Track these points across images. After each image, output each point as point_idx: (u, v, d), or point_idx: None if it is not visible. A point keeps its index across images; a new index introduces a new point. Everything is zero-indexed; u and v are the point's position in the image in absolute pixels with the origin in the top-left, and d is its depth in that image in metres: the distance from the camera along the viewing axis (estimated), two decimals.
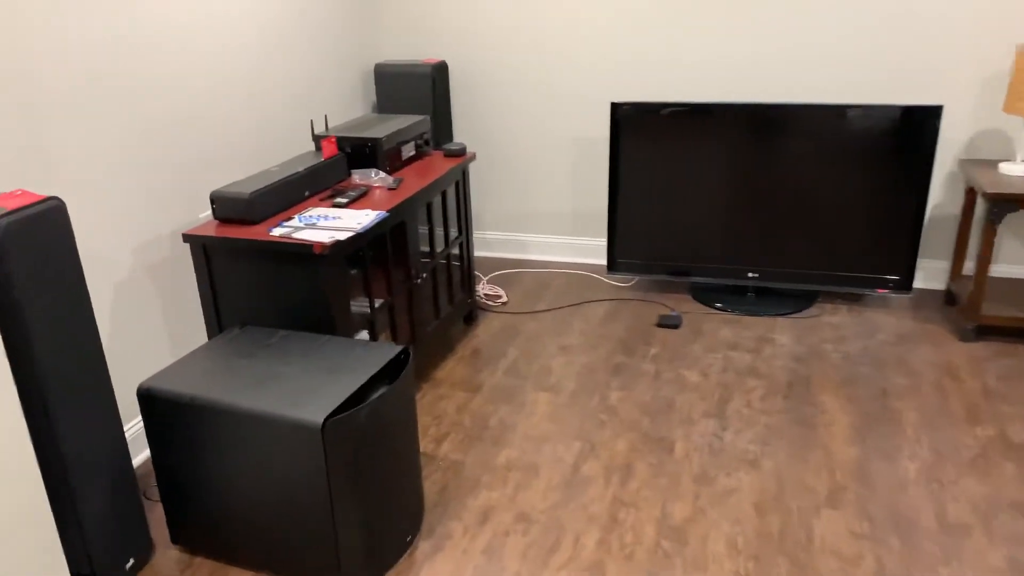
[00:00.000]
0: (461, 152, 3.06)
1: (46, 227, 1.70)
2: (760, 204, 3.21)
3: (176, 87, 2.51)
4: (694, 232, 3.33)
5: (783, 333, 3.10)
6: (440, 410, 2.68)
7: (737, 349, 2.99)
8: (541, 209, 3.88)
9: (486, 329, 3.24)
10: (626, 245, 3.44)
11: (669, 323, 3.19)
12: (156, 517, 2.22)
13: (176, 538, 2.11)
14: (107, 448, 1.90)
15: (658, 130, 3.23)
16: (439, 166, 2.94)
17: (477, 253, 4.03)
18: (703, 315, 3.29)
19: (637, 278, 3.66)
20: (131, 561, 2.01)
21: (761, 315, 3.26)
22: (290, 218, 2.38)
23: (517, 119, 3.75)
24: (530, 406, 2.68)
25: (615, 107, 3.25)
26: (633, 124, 3.25)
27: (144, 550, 2.06)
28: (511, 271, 3.82)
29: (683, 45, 3.39)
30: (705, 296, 3.43)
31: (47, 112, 2.09)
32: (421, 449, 2.47)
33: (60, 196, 2.14)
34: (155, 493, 2.32)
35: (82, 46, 2.17)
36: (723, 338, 3.08)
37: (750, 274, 3.32)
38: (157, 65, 2.43)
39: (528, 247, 3.96)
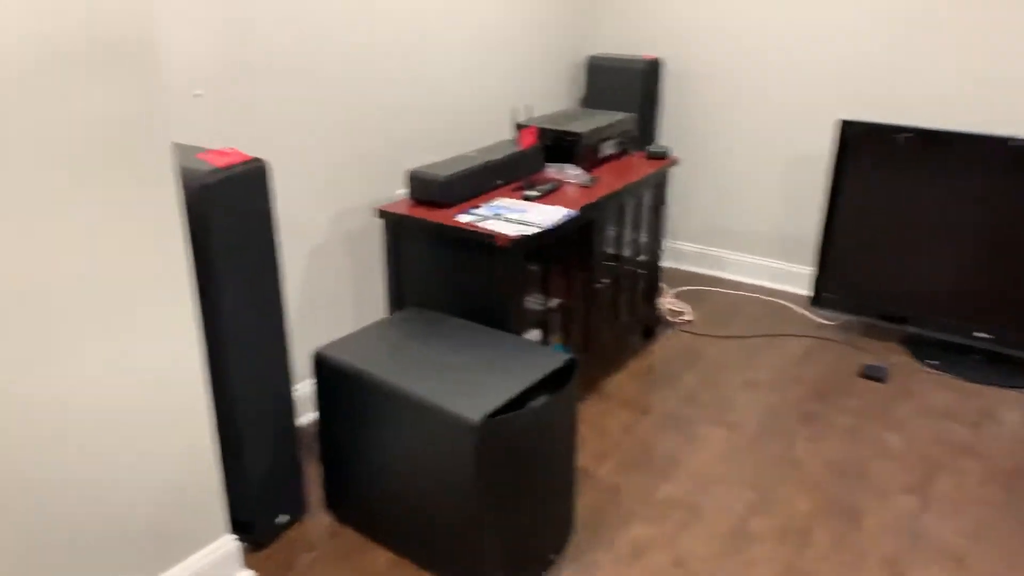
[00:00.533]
0: (664, 155, 2.87)
1: (248, 186, 1.73)
2: (1003, 255, 2.74)
3: (388, 63, 2.52)
4: (918, 275, 2.92)
5: (1014, 410, 2.64)
6: (604, 426, 2.52)
7: (953, 419, 2.58)
8: (743, 225, 3.59)
9: (665, 347, 3.04)
10: (836, 279, 3.08)
11: (874, 375, 2.82)
12: (315, 479, 2.25)
13: (330, 503, 2.12)
14: (275, 404, 1.94)
15: (892, 156, 2.86)
16: (639, 168, 2.77)
17: (666, 264, 3.81)
18: (915, 372, 2.88)
19: (844, 317, 3.28)
20: (285, 517, 2.04)
21: (987, 384, 2.79)
22: (478, 206, 2.32)
23: (729, 126, 3.48)
24: (703, 441, 2.46)
25: (845, 125, 2.91)
26: (862, 146, 2.90)
27: (298, 509, 2.09)
28: (701, 288, 3.58)
29: (931, 61, 2.96)
30: (920, 350, 3.00)
31: (267, 77, 2.15)
32: (578, 464, 2.33)
33: (270, 159, 2.22)
34: (317, 455, 2.36)
35: (305, 16, 2.22)
36: (937, 403, 2.67)
37: (979, 333, 2.85)
38: (371, 41, 2.45)
39: (723, 264, 3.69)
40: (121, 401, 1.55)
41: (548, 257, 2.44)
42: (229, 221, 1.71)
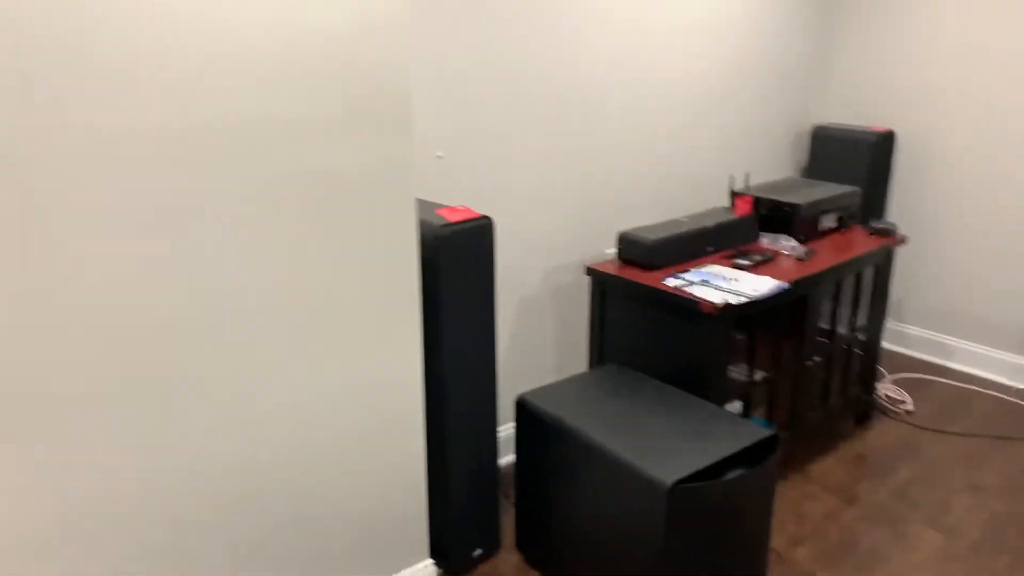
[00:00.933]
0: (889, 232, 2.72)
1: (475, 240, 1.90)
2: None
3: (606, 129, 2.65)
4: None
5: None
6: (804, 510, 2.40)
7: None
8: (979, 313, 3.28)
9: (879, 436, 2.84)
10: None
11: None
12: (509, 519, 2.34)
13: (520, 544, 2.21)
14: (481, 441, 2.07)
15: None
16: (860, 243, 2.65)
17: (887, 346, 3.56)
18: None
19: None
20: (479, 551, 2.16)
21: None
22: (686, 270, 2.35)
23: (968, 205, 3.22)
24: (914, 541, 2.26)
25: None
26: None
27: (492, 545, 2.19)
28: (924, 376, 3.30)
29: None
30: None
31: (496, 143, 2.35)
32: (772, 545, 2.23)
33: (493, 215, 2.40)
34: (512, 496, 2.46)
35: (532, 87, 2.40)
36: None
37: None
38: (590, 108, 2.59)
39: (953, 353, 3.38)
40: (346, 421, 1.75)
41: (756, 328, 2.40)
42: (456, 269, 1.88)
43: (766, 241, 2.64)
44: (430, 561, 1.99)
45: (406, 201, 1.70)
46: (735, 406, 2.41)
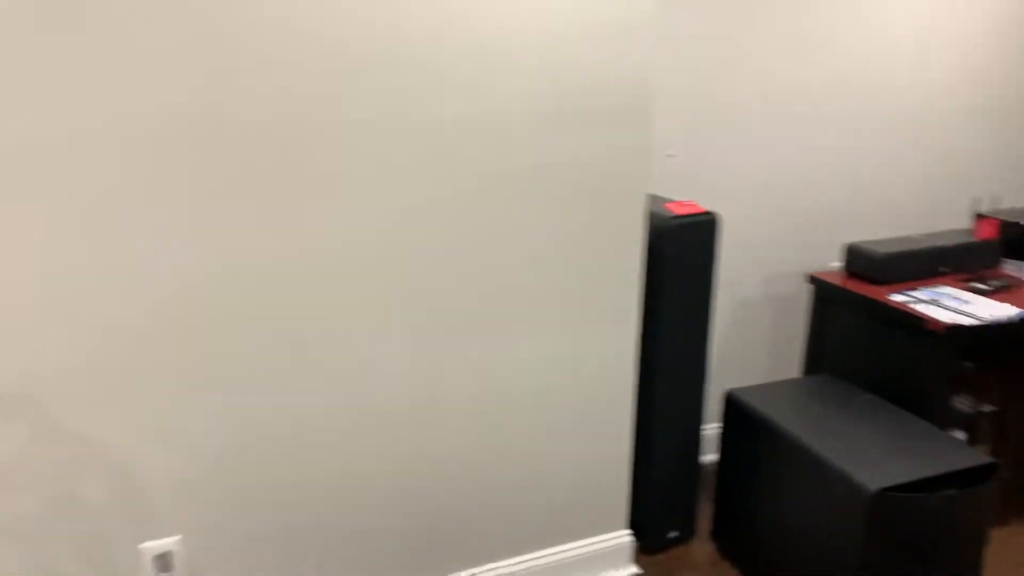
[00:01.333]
0: None
1: (700, 234, 2.02)
2: None
3: (838, 139, 2.62)
4: None
5: None
6: None
7: None
8: None
9: None
10: None
11: None
12: (705, 512, 2.43)
13: (715, 535, 2.29)
14: (686, 428, 2.19)
15: None
16: None
17: None
18: None
19: None
20: (675, 534, 2.28)
21: None
22: (915, 288, 2.29)
23: None
24: None
25: None
26: None
27: (687, 530, 2.30)
28: None
29: None
30: None
31: (726, 146, 2.44)
32: None
33: (720, 213, 2.49)
34: (710, 492, 2.54)
35: (761, 91, 2.45)
36: None
37: None
38: (826, 115, 2.58)
39: None
40: (566, 398, 1.93)
41: (989, 357, 2.28)
42: (680, 261, 2.01)
43: (1010, 268, 2.49)
44: (628, 532, 2.13)
45: (639, 194, 1.85)
46: (957, 435, 2.30)
